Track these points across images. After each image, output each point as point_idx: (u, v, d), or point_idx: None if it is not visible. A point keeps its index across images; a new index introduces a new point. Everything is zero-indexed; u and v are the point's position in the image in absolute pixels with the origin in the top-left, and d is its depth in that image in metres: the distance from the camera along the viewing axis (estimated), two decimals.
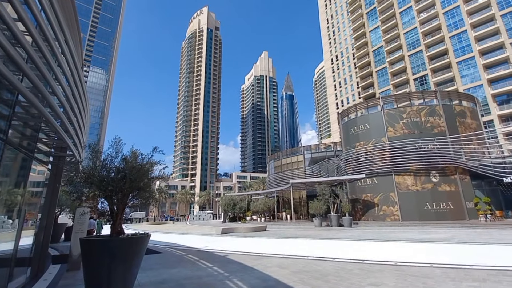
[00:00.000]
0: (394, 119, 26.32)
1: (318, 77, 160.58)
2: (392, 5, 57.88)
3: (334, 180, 28.13)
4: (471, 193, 23.77)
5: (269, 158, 49.91)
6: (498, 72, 41.01)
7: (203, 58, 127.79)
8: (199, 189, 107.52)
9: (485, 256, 8.38)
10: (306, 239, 14.42)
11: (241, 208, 37.63)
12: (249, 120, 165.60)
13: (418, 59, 51.70)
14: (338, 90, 77.88)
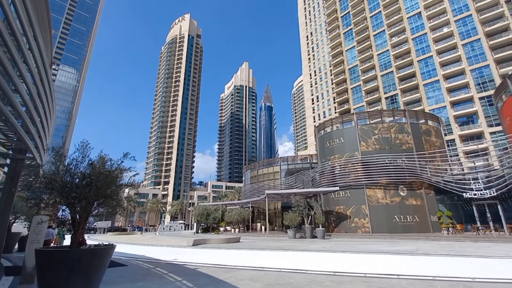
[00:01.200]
0: (367, 134, 27.55)
1: (297, 90, 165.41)
2: (367, 28, 61.84)
3: (309, 191, 28.56)
4: (435, 207, 25.28)
5: (245, 168, 49.73)
6: (459, 96, 45.03)
7: (182, 64, 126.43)
8: (172, 198, 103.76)
9: (447, 268, 8.78)
10: (279, 251, 14.31)
11: (215, 219, 36.75)
12: (227, 129, 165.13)
13: (390, 79, 55.31)
14: (316, 104, 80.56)
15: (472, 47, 45.58)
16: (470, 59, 45.22)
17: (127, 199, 34.45)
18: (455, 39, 47.29)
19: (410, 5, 55.29)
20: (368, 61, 59.97)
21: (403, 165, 25.41)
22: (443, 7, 49.91)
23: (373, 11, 61.32)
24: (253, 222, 39.06)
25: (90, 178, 5.32)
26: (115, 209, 6.00)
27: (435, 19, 50.71)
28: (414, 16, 54.00)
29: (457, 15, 48.20)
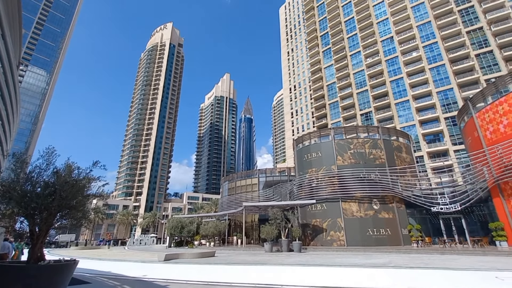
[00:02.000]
0: (343, 149, 28.42)
1: (277, 103, 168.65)
2: (344, 48, 65.27)
3: (286, 204, 28.56)
4: (405, 221, 26.30)
5: (223, 179, 48.98)
6: (427, 115, 48.36)
7: (162, 72, 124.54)
8: (144, 209, 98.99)
9: (416, 280, 9.10)
10: (255, 265, 13.96)
11: (190, 232, 35.38)
12: (206, 139, 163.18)
13: (365, 97, 58.24)
14: (295, 118, 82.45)
15: (438, 71, 49.64)
16: (436, 82, 49.13)
17: (94, 211, 32.12)
18: (423, 63, 51.28)
19: (383, 29, 59.43)
20: (345, 79, 62.94)
21: (377, 179, 26.35)
22: (412, 33, 54.20)
23: (350, 33, 65.07)
24: (230, 235, 38.12)
25: (54, 188, 4.86)
26: (80, 221, 5.51)
27: (405, 44, 54.80)
28: (387, 40, 58.02)
29: (425, 42, 52.52)
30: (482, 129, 22.32)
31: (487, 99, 22.47)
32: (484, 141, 22.00)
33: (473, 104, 23.73)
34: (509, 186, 19.94)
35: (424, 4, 54.79)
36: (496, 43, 45.62)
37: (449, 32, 49.89)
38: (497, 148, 20.47)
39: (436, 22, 52.11)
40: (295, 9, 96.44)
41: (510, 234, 20.14)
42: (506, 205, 20.36)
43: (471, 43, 47.86)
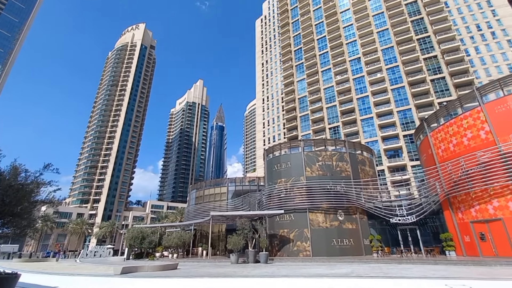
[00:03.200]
0: (312, 160, 29.08)
1: (249, 113, 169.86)
2: (316, 64, 68.32)
3: (255, 214, 28.20)
4: (367, 231, 27.37)
5: (191, 188, 47.28)
6: (388, 132, 51.94)
7: (131, 73, 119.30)
8: (101, 218, 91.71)
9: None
10: (219, 278, 13.32)
11: (151, 243, 33.14)
12: (175, 145, 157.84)
13: (333, 112, 61.03)
14: (266, 128, 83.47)
15: (398, 92, 53.98)
16: (397, 102, 53.32)
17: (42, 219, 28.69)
18: (386, 84, 55.48)
19: (351, 50, 63.49)
20: (316, 93, 65.57)
21: (342, 191, 27.24)
22: (377, 56, 58.59)
23: (322, 51, 68.47)
24: (195, 246, 36.52)
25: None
26: (24, 230, 4.70)
27: (371, 65, 58.97)
28: (355, 60, 61.99)
29: (388, 64, 57.03)
30: (435, 147, 24.33)
31: (440, 120, 24.64)
32: (436, 158, 23.94)
33: (428, 124, 25.86)
34: (457, 200, 21.78)
35: (388, 30, 59.81)
36: (448, 71, 51.10)
37: (408, 58, 54.81)
38: (447, 165, 22.36)
39: (398, 47, 57.02)
40: (271, 23, 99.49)
41: (458, 244, 21.86)
42: (454, 217, 22.16)
43: (427, 69, 53.03)
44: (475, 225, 20.19)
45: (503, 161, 18.56)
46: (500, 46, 56.15)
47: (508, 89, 19.92)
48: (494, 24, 58.21)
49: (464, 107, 22.31)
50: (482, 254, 19.46)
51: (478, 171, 19.89)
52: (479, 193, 19.88)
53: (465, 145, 21.28)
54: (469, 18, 60.96)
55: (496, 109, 19.80)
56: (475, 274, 13.50)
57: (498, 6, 59.39)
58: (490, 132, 19.70)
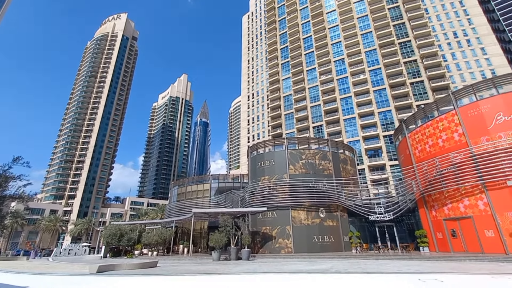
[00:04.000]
0: (295, 158, 29.35)
1: (234, 109, 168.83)
2: (301, 63, 68.87)
3: (237, 211, 28.10)
4: (347, 228, 28.11)
5: (173, 184, 46.30)
6: (369, 132, 53.46)
7: (111, 64, 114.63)
8: (77, 215, 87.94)
9: (354, 284, 9.60)
10: (200, 276, 13.11)
11: (130, 240, 32.15)
12: (157, 141, 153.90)
13: (317, 111, 61.92)
14: (251, 125, 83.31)
15: (380, 94, 55.64)
16: (378, 103, 54.98)
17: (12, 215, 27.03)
18: (368, 85, 57.00)
19: (336, 51, 64.57)
20: (301, 92, 66.19)
21: (324, 189, 27.74)
22: (360, 58, 59.99)
23: (307, 50, 69.12)
24: (176, 243, 35.87)
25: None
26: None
27: (354, 66, 60.30)
28: (339, 60, 63.12)
29: (371, 66, 58.55)
30: (413, 147, 25.30)
31: (417, 122, 25.63)
32: (413, 159, 24.92)
33: (406, 125, 26.83)
34: (432, 198, 22.82)
35: (372, 33, 61.36)
36: (426, 75, 53.31)
37: (390, 61, 56.58)
38: (423, 165, 23.33)
39: (380, 50, 58.67)
40: (258, 20, 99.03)
41: (431, 240, 22.95)
42: (428, 215, 23.23)
43: (407, 72, 55.03)
44: (447, 223, 21.26)
45: (473, 162, 19.61)
46: (474, 53, 59.32)
47: (480, 95, 21.02)
48: (469, 32, 61.37)
49: (440, 110, 23.31)
50: (453, 249, 20.55)
51: (451, 171, 20.91)
52: (451, 192, 20.91)
53: (440, 146, 22.27)
54: (447, 25, 63.86)
55: (469, 113, 20.83)
56: (446, 268, 14.21)
57: (474, 15, 62.66)
58: (463, 135, 20.72)
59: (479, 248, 18.66)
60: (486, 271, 12.86)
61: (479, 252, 18.49)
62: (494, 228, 18.10)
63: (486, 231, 18.50)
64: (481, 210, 18.94)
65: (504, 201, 17.94)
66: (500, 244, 17.60)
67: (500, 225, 17.76)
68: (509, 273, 11.88)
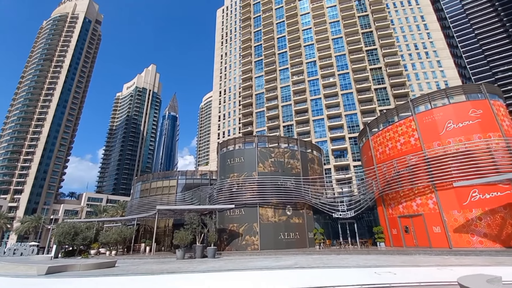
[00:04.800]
0: (265, 156, 29.54)
1: (205, 105, 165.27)
2: (274, 62, 69.46)
3: (205, 208, 27.55)
4: (312, 225, 29.08)
5: (136, 180, 43.93)
6: (336, 134, 55.80)
7: (70, 48, 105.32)
8: (25, 211, 79.69)
9: (316, 278, 10.01)
10: (162, 275, 12.56)
11: (86, 239, 29.88)
12: (120, 133, 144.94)
13: (288, 110, 63.06)
14: (222, 122, 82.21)
15: (347, 97, 58.34)
16: (345, 106, 57.61)
17: None
18: (337, 88, 59.42)
19: (309, 53, 66.23)
20: (273, 91, 66.82)
21: (292, 187, 28.35)
22: (331, 61, 62.23)
23: (281, 50, 69.93)
24: (137, 242, 34.14)
25: None
26: None
27: (325, 69, 62.39)
28: (311, 62, 64.81)
29: (340, 71, 61.06)
30: (375, 150, 26.90)
31: (380, 126, 27.29)
32: (375, 160, 26.52)
33: (370, 128, 28.44)
34: (389, 197, 24.51)
35: (342, 38, 63.97)
36: (389, 82, 57.09)
37: (358, 66, 59.54)
38: (383, 166, 24.95)
39: (349, 56, 61.44)
40: (233, 15, 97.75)
41: (387, 236, 24.67)
42: (385, 213, 24.92)
43: (372, 79, 58.39)
44: (401, 220, 22.99)
45: (426, 165, 21.42)
46: (431, 65, 64.84)
47: (435, 103, 22.98)
48: (428, 46, 66.93)
49: (400, 116, 25.05)
50: (405, 244, 22.30)
51: (406, 173, 22.63)
52: (406, 191, 22.64)
53: (398, 149, 23.96)
54: (409, 37, 68.94)
55: (424, 119, 22.68)
56: (399, 262, 15.36)
57: (433, 30, 68.46)
58: (418, 139, 22.51)
59: (428, 242, 20.48)
60: (433, 263, 14.12)
61: (427, 247, 20.28)
62: (441, 225, 19.97)
63: (434, 227, 20.35)
64: (431, 208, 20.78)
65: (450, 200, 19.86)
66: (445, 239, 19.47)
67: (446, 222, 19.64)
68: (452, 265, 13.18)
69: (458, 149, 20.25)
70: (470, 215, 18.87)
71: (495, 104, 21.17)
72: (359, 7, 66.94)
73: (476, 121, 20.52)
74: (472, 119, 20.65)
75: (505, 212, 17.91)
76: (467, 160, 19.62)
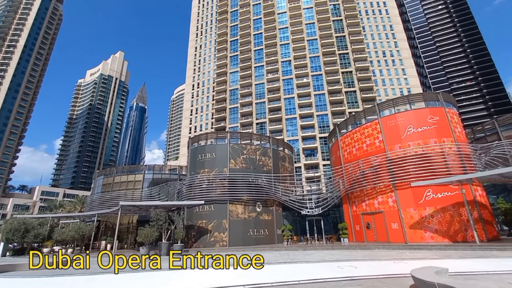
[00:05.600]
0: (237, 153, 29.34)
1: (177, 97, 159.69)
2: (250, 59, 69.14)
3: (173, 204, 26.66)
4: (281, 222, 29.61)
5: (98, 173, 41.16)
6: (308, 133, 57.27)
7: (27, 27, 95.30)
8: None
9: (282, 273, 10.28)
10: (121, 274, 11.90)
11: (38, 236, 27.38)
12: (81, 123, 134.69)
13: (262, 108, 63.30)
14: (194, 116, 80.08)
15: (319, 98, 60.10)
16: (317, 107, 59.35)
17: None
18: (310, 89, 60.92)
19: (284, 52, 66.96)
20: (247, 87, 66.57)
21: (263, 184, 28.56)
22: (305, 62, 63.54)
23: (257, 46, 69.78)
24: (97, 239, 32.09)
25: None
26: None
27: (299, 69, 63.55)
28: (286, 62, 65.61)
29: (314, 72, 62.61)
30: (343, 150, 28.07)
31: (348, 127, 28.51)
32: (342, 160, 27.68)
33: (339, 129, 29.60)
34: (354, 195, 25.78)
35: (317, 40, 65.59)
36: (358, 86, 59.90)
37: (330, 69, 61.55)
38: (349, 166, 26.15)
39: (323, 58, 63.24)
40: (209, 7, 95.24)
41: (350, 232, 25.97)
42: (350, 210, 26.19)
43: (343, 81, 60.80)
44: (364, 216, 24.33)
45: (388, 166, 22.84)
46: (397, 73, 69.27)
47: (398, 108, 24.53)
48: (395, 54, 71.34)
49: (367, 119, 26.39)
50: (366, 240, 23.65)
51: (370, 173, 23.95)
52: (370, 190, 23.98)
53: (364, 150, 25.24)
54: (379, 44, 72.85)
55: (388, 123, 24.12)
56: (360, 256, 16.24)
57: (399, 39, 73.08)
58: (382, 141, 23.90)
59: (387, 238, 21.91)
60: (390, 257, 15.13)
61: (386, 242, 21.70)
62: (398, 222, 21.47)
63: (393, 224, 21.83)
64: (390, 206, 22.24)
65: (408, 199, 21.42)
66: (402, 235, 20.99)
67: (403, 219, 21.16)
68: (406, 258, 14.23)
69: (417, 152, 21.87)
70: (424, 213, 20.53)
71: (450, 112, 23.17)
72: (334, 11, 69.12)
73: (433, 126, 22.29)
74: (430, 124, 22.40)
75: (454, 210, 19.77)
76: (424, 162, 21.28)
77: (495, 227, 21.13)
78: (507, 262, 11.52)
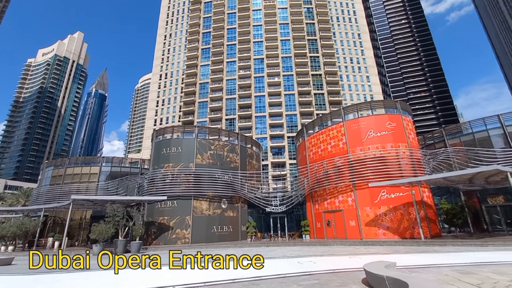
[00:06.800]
0: (204, 148, 28.66)
1: (142, 87, 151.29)
2: (222, 53, 67.96)
3: (132, 199, 25.19)
4: (245, 219, 29.66)
5: (47, 164, 37.29)
6: (276, 132, 58.16)
7: None
8: None
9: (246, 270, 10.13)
10: (70, 273, 10.92)
11: None
12: (29, 107, 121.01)
13: (232, 104, 62.69)
14: (160, 108, 76.48)
15: (289, 98, 61.35)
16: (287, 106, 60.55)
17: None
18: (281, 88, 61.88)
19: (257, 49, 66.99)
20: (218, 82, 65.41)
21: (229, 181, 28.31)
22: (277, 61, 64.33)
23: (230, 41, 68.84)
24: (44, 236, 29.11)
25: None
26: None
27: (271, 68, 64.14)
28: (259, 59, 65.76)
29: (285, 72, 63.69)
30: (309, 150, 28.96)
31: (315, 128, 29.48)
32: (308, 159, 28.57)
33: (306, 130, 30.47)
34: (317, 194, 26.79)
35: (290, 41, 66.73)
36: (327, 89, 62.33)
37: (301, 70, 63.14)
38: (314, 165, 27.09)
39: (295, 59, 64.58)
40: None
41: (312, 229, 26.98)
42: (313, 208, 27.19)
43: (313, 84, 62.78)
44: (325, 214, 25.42)
45: (349, 167, 24.11)
46: (362, 79, 73.36)
47: (361, 113, 25.97)
48: (361, 61, 75.46)
49: (333, 121, 27.52)
50: (326, 236, 24.76)
51: (333, 173, 25.07)
52: (332, 189, 25.10)
53: (328, 151, 26.31)
54: (347, 51, 76.41)
55: (352, 126, 25.42)
56: (319, 252, 16.94)
57: (366, 48, 77.46)
58: (345, 143, 25.12)
59: (345, 235, 23.16)
60: (346, 253, 16.01)
61: (344, 238, 22.93)
62: (356, 219, 22.81)
63: (351, 221, 23.13)
64: (349, 205, 23.52)
65: (365, 198, 22.84)
66: (358, 231, 22.34)
67: (360, 217, 22.53)
68: (361, 253, 15.16)
69: (375, 155, 23.38)
70: (379, 211, 22.07)
71: (405, 119, 25.14)
72: (308, 14, 70.90)
73: (390, 132, 24.00)
74: (388, 130, 24.08)
75: (404, 209, 21.55)
76: (381, 164, 22.84)
77: (438, 225, 23.55)
78: (446, 256, 12.85)
